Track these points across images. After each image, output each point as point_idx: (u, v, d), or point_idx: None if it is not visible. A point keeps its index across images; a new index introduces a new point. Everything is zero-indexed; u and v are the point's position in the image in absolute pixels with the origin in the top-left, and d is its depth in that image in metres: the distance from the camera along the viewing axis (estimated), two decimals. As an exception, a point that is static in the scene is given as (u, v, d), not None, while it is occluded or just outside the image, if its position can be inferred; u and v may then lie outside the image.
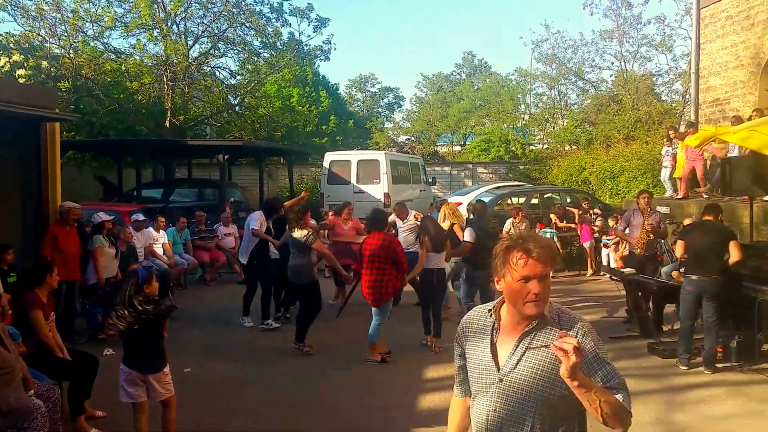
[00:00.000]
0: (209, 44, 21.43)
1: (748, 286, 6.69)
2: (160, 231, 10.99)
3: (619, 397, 2.13)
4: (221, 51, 21.93)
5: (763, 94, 12.64)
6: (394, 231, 10.04)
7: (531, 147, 27.06)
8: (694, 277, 6.69)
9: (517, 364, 2.25)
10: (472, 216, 8.76)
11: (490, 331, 2.35)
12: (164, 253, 10.80)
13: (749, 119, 10.43)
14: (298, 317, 7.66)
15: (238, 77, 23.84)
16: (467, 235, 8.02)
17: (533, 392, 2.22)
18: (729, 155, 10.86)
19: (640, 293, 8.22)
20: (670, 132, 12.88)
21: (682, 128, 14.30)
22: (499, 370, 2.28)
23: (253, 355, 7.65)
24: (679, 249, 7.03)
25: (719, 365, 6.73)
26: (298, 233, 7.40)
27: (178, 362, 7.02)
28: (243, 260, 9.06)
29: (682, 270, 7.83)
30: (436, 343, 7.54)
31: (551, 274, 2.25)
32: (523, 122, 29.35)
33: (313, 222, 13.65)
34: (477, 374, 2.36)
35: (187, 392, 5.85)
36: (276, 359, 7.41)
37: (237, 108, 23.13)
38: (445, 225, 8.46)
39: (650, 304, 8.28)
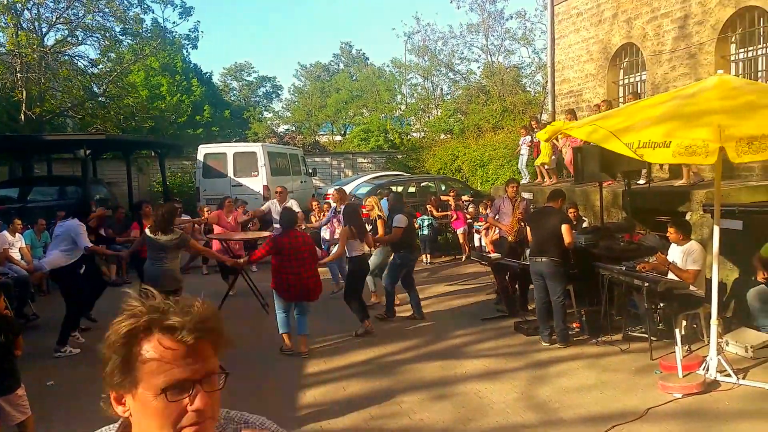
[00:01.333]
0: (66, 31, 20.05)
1: (599, 265, 7.27)
2: (17, 234, 10.23)
3: None
4: (79, 38, 20.61)
5: (611, 86, 13.79)
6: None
7: (409, 136, 27.76)
8: (535, 258, 7.21)
9: None
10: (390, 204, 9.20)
11: None
12: (22, 258, 10.05)
13: (598, 108, 11.32)
14: None
15: (100, 66, 22.49)
16: (399, 221, 8.36)
17: None
18: (580, 144, 11.73)
19: (507, 275, 8.71)
20: (533, 122, 13.72)
21: (545, 117, 15.21)
22: None
23: None
24: (529, 234, 7.54)
25: (576, 339, 7.28)
26: (166, 237, 7.08)
27: (41, 374, 6.66)
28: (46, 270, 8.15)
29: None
30: (369, 324, 7.90)
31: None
32: (400, 112, 30.02)
33: (186, 217, 13.29)
34: None
35: (54, 407, 5.53)
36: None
37: (100, 98, 21.82)
38: (374, 214, 8.76)
39: (516, 285, 8.79)
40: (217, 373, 1.29)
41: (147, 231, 7.17)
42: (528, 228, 7.51)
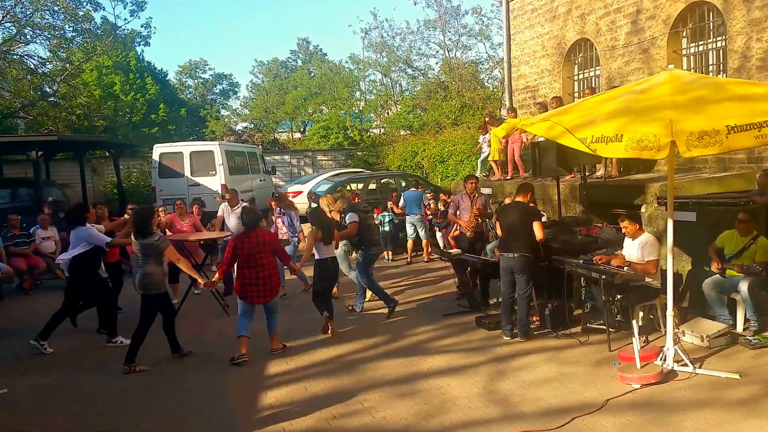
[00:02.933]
0: (14, 30, 19.39)
1: (557, 258, 7.35)
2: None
3: None
4: (28, 37, 19.96)
5: (566, 81, 13.97)
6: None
7: (369, 133, 27.71)
8: (505, 254, 7.23)
9: None
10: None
11: None
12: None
13: (543, 107, 11.48)
14: (135, 335, 6.99)
15: (50, 65, 21.84)
16: (350, 218, 8.48)
17: None
18: (538, 139, 11.86)
19: (467, 271, 8.74)
20: (486, 119, 13.85)
21: (504, 112, 15.30)
22: None
23: (81, 366, 7.16)
24: (498, 228, 7.58)
25: (537, 333, 7.34)
26: (145, 240, 6.83)
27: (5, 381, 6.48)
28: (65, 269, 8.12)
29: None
30: (331, 324, 7.83)
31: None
32: (359, 109, 29.94)
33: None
34: None
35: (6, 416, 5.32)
36: (106, 369, 6.96)
37: (51, 98, 21.19)
38: (335, 215, 8.76)
39: (477, 280, 8.82)
40: None
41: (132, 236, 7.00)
42: (497, 223, 7.51)
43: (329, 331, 7.80)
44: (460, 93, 23.83)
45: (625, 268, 6.66)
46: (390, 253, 13.12)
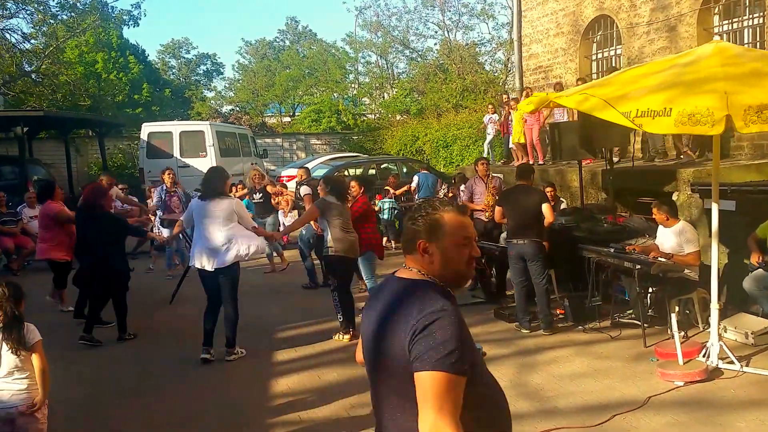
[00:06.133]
0: (-4, 2, 18.60)
1: (584, 247, 6.95)
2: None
3: None
4: (10, 11, 19.17)
5: (583, 60, 13.30)
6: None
7: (363, 117, 27.06)
8: (514, 241, 6.81)
9: None
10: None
11: None
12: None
13: (560, 87, 11.03)
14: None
15: (33, 41, 21.05)
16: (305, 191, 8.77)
17: None
18: (558, 120, 11.45)
19: (483, 259, 8.33)
20: (503, 96, 13.26)
21: (513, 95, 14.55)
22: None
23: (76, 349, 6.77)
24: (497, 215, 7.16)
25: (561, 326, 6.95)
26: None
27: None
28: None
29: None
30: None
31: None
32: (354, 92, 29.22)
33: (135, 199, 12.41)
34: None
35: None
36: (102, 353, 6.65)
37: (34, 75, 20.44)
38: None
39: (493, 269, 8.43)
40: None
41: None
42: (502, 209, 7.06)
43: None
44: (461, 76, 23.20)
45: (659, 259, 6.26)
46: (392, 241, 12.57)
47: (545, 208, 6.69)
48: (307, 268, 9.26)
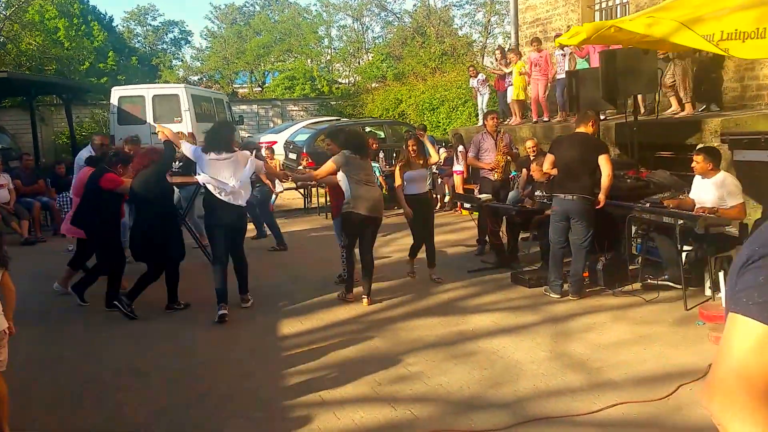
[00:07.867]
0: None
1: (615, 203, 6.40)
2: None
3: None
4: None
5: (586, 11, 12.34)
6: None
7: (337, 84, 26.11)
8: (561, 196, 6.21)
9: None
10: None
11: None
12: None
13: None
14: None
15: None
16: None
17: None
18: (558, 77, 10.86)
19: (499, 222, 7.78)
20: (497, 52, 12.59)
21: (498, 54, 13.69)
22: None
23: (79, 319, 6.34)
24: (546, 164, 6.52)
25: (588, 290, 6.44)
26: None
27: None
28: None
29: (537, 194, 7.49)
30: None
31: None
32: (328, 58, 28.18)
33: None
34: None
35: None
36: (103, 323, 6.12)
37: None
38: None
39: (505, 232, 7.88)
40: None
41: None
42: (553, 158, 6.38)
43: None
44: (440, 39, 22.36)
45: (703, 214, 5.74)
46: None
47: (603, 160, 6.05)
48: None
